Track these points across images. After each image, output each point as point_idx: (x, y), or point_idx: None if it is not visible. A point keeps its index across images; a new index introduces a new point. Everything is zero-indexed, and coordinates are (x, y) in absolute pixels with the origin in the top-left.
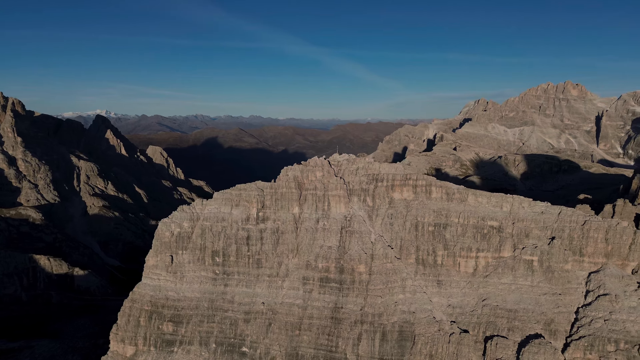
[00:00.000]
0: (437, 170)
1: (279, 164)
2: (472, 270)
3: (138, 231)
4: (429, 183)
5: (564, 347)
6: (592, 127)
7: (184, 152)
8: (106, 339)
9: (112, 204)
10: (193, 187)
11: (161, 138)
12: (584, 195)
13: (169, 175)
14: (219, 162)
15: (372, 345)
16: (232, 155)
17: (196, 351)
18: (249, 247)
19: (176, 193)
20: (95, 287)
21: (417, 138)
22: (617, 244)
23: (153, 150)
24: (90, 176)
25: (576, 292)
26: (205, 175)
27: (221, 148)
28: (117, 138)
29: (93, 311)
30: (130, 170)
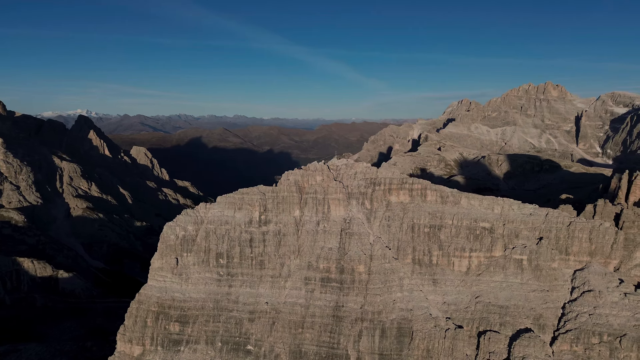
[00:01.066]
0: (422, 170)
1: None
2: (466, 269)
3: (123, 232)
4: (424, 187)
5: (551, 340)
6: (572, 127)
7: (167, 152)
8: (94, 341)
9: (95, 205)
10: (178, 188)
11: (144, 138)
12: (566, 195)
13: (153, 176)
14: (204, 163)
15: (372, 341)
16: (217, 156)
17: (202, 350)
18: (252, 249)
19: (161, 194)
20: (80, 290)
21: (402, 138)
22: (600, 243)
23: (137, 150)
24: (73, 177)
25: (563, 289)
26: (189, 175)
27: (205, 148)
28: (100, 138)
29: (79, 314)
30: (114, 171)
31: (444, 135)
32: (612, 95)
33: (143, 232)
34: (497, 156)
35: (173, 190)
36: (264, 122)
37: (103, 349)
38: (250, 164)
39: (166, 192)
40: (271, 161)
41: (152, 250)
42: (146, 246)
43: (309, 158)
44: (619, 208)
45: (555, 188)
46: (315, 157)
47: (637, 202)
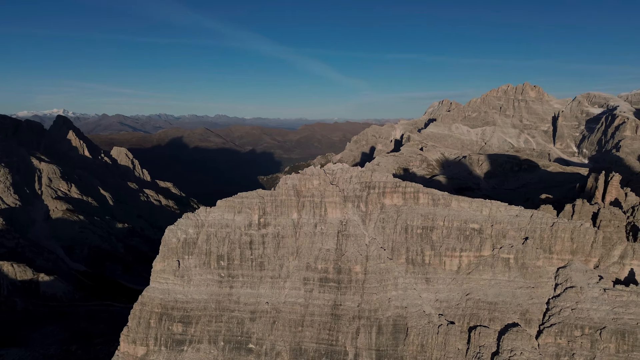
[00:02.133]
0: (405, 170)
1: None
2: (457, 268)
3: (104, 235)
4: (417, 190)
5: (537, 334)
6: (549, 127)
7: (148, 152)
8: (79, 345)
9: (76, 207)
10: (160, 189)
11: (124, 138)
12: (546, 195)
13: (134, 177)
14: (185, 163)
15: (369, 338)
16: (199, 156)
17: (206, 349)
18: (252, 251)
19: (143, 195)
20: (62, 293)
21: (385, 138)
22: (581, 242)
23: (118, 151)
24: (53, 179)
25: (547, 286)
26: (170, 176)
27: (187, 148)
28: (80, 139)
29: (61, 318)
30: (94, 172)
31: (425, 135)
32: (587, 96)
33: (125, 234)
34: (478, 156)
35: (155, 191)
36: (246, 121)
37: (88, 353)
38: (232, 164)
39: (148, 193)
40: (254, 161)
41: (134, 252)
42: (128, 248)
43: (292, 158)
44: (596, 207)
45: (534, 187)
46: (298, 157)
47: (613, 202)
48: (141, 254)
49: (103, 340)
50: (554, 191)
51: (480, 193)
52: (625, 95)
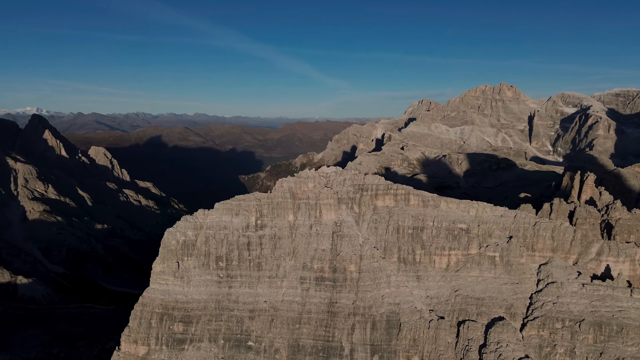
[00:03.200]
0: (387, 170)
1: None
2: (446, 266)
3: (83, 236)
4: (408, 192)
5: (521, 327)
6: (525, 126)
7: (125, 151)
8: (61, 347)
9: (53, 208)
10: (140, 189)
11: (100, 137)
12: (525, 194)
13: (113, 177)
14: (164, 162)
15: (364, 333)
16: (178, 155)
17: (206, 347)
18: (249, 252)
19: (122, 195)
20: (41, 296)
21: (366, 137)
22: (561, 240)
23: (96, 151)
24: (29, 179)
25: (530, 281)
26: (149, 175)
27: (166, 147)
28: (56, 138)
29: (41, 321)
30: (71, 173)
31: (405, 134)
32: (562, 96)
33: (104, 235)
34: (457, 155)
35: (134, 191)
36: (226, 120)
37: (71, 356)
38: (212, 163)
39: (127, 194)
40: (234, 160)
41: (114, 253)
42: (108, 249)
43: (273, 157)
44: (572, 206)
45: (512, 185)
46: (279, 156)
47: (588, 201)
48: (121, 255)
49: (86, 342)
50: (531, 189)
51: (460, 191)
52: (598, 95)
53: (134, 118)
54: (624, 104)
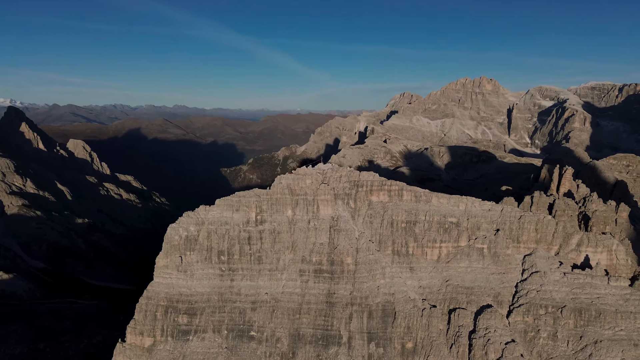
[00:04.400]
0: (370, 162)
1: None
2: (437, 258)
3: (63, 230)
4: (401, 188)
5: (508, 313)
6: (504, 119)
7: (104, 144)
8: (46, 343)
9: (32, 202)
10: (120, 183)
11: (77, 130)
12: (506, 187)
13: (93, 170)
14: (144, 155)
15: (361, 322)
16: (158, 148)
17: (210, 338)
18: (250, 246)
19: (102, 189)
20: (22, 291)
21: (348, 130)
22: (544, 232)
23: (74, 144)
24: (6, 173)
25: (515, 271)
26: (129, 169)
27: (145, 140)
28: (34, 131)
29: (23, 316)
30: (50, 166)
31: (387, 127)
32: (539, 89)
33: (85, 229)
34: (439, 148)
35: (115, 185)
36: (206, 112)
37: (57, 350)
38: (193, 156)
39: (108, 187)
40: (216, 153)
41: (95, 248)
42: (89, 244)
43: (255, 150)
44: (552, 199)
45: (492, 178)
46: (261, 148)
47: (566, 193)
48: (103, 250)
49: (71, 337)
50: (510, 181)
51: (442, 184)
52: (575, 88)
53: (112, 110)
54: (599, 97)
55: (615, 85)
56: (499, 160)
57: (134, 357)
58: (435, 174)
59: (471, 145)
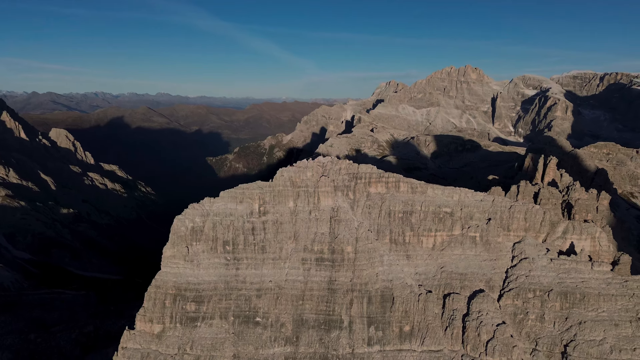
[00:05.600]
0: (357, 151)
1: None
2: (432, 246)
3: (48, 221)
4: (398, 180)
5: (499, 297)
6: (489, 108)
7: (86, 133)
8: (37, 333)
9: (16, 192)
10: (105, 172)
11: (58, 118)
12: (492, 176)
13: (77, 160)
14: (127, 144)
15: (361, 307)
16: (142, 137)
17: (217, 324)
18: (254, 237)
19: (87, 179)
20: (9, 283)
21: (335, 119)
22: (533, 221)
23: (57, 133)
24: None
25: (506, 258)
26: (112, 158)
27: (128, 129)
28: (15, 120)
29: (12, 307)
30: (32, 156)
31: (374, 115)
32: (523, 78)
33: (70, 219)
34: (425, 137)
35: (99, 174)
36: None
37: (48, 341)
38: (178, 145)
39: (92, 177)
40: (201, 142)
41: (81, 238)
42: (75, 234)
43: (241, 138)
44: (537, 188)
45: (477, 166)
46: (247, 137)
47: (550, 182)
48: (89, 240)
49: (62, 327)
50: (495, 170)
51: (428, 172)
52: (557, 77)
53: (93, 98)
54: (581, 86)
55: (597, 74)
56: (484, 149)
57: (144, 343)
58: (422, 162)
59: (456, 134)
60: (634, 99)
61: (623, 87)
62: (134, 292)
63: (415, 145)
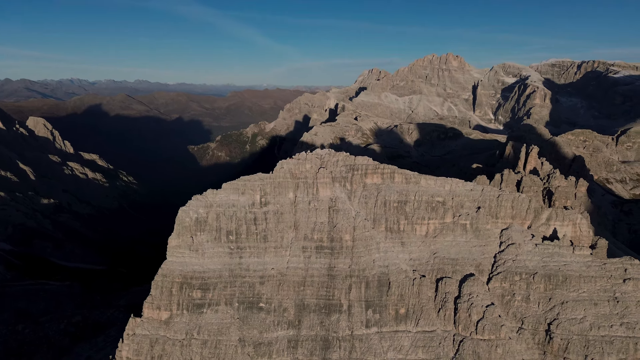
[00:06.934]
0: (342, 140)
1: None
2: (425, 233)
3: (28, 211)
4: (393, 171)
5: (488, 280)
6: (470, 95)
7: (62, 121)
8: (25, 324)
9: None
10: (85, 161)
11: (33, 106)
12: (476, 164)
13: (55, 149)
14: (106, 133)
15: (360, 292)
16: (121, 125)
17: (223, 310)
18: (256, 226)
19: (67, 168)
20: None
21: (318, 107)
22: (519, 209)
23: (34, 121)
24: None
25: (494, 244)
26: (91, 147)
27: (107, 117)
28: None
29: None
30: (9, 145)
31: (357, 103)
32: (503, 66)
33: (51, 210)
34: (408, 125)
35: (80, 164)
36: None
37: (36, 331)
38: (158, 133)
39: (72, 166)
40: (181, 130)
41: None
42: (57, 225)
43: (222, 126)
44: (519, 176)
45: (459, 154)
46: (228, 125)
47: (532, 170)
48: (71, 230)
49: (49, 318)
50: (476, 158)
51: (411, 160)
52: (536, 65)
53: (69, 85)
54: (559, 74)
55: (574, 62)
56: (465, 137)
57: (152, 329)
58: (405, 150)
59: (438, 121)
60: (610, 86)
61: (599, 75)
62: (119, 282)
63: (398, 134)
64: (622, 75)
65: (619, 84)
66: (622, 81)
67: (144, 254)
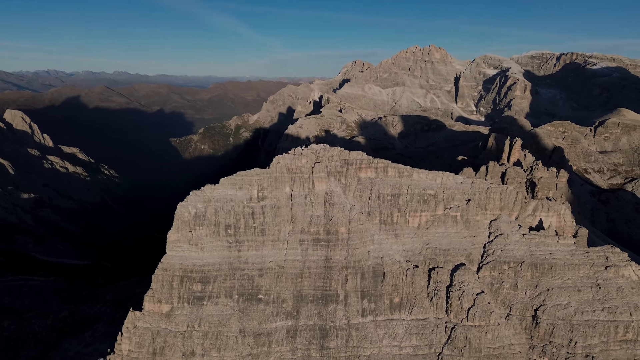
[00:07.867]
0: (327, 132)
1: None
2: (418, 225)
3: (8, 206)
4: (386, 165)
5: (478, 269)
6: (452, 87)
7: (40, 114)
8: (10, 320)
9: None
10: (65, 155)
11: (9, 98)
12: (462, 157)
13: (34, 143)
14: (86, 126)
15: (356, 282)
16: (100, 118)
17: (223, 302)
18: (254, 220)
19: (46, 162)
20: None
21: (302, 99)
22: (507, 201)
23: (12, 114)
24: None
25: (483, 234)
26: (71, 140)
27: (86, 109)
28: None
29: None
30: None
31: (340, 95)
32: (484, 58)
33: (32, 204)
34: (392, 117)
35: (60, 157)
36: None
37: (22, 327)
38: (139, 125)
39: (52, 160)
40: (163, 123)
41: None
42: (38, 220)
43: (205, 119)
44: (504, 168)
45: (442, 145)
46: (211, 117)
47: (516, 162)
48: (53, 225)
49: (35, 314)
50: (460, 149)
51: (395, 152)
52: (517, 57)
53: (45, 76)
54: (539, 66)
55: (554, 54)
56: (448, 128)
57: (154, 322)
58: (389, 142)
59: (421, 113)
60: (588, 78)
61: (578, 67)
62: (103, 276)
63: (383, 126)
64: (600, 67)
65: (596, 75)
66: (600, 73)
67: (129, 247)
